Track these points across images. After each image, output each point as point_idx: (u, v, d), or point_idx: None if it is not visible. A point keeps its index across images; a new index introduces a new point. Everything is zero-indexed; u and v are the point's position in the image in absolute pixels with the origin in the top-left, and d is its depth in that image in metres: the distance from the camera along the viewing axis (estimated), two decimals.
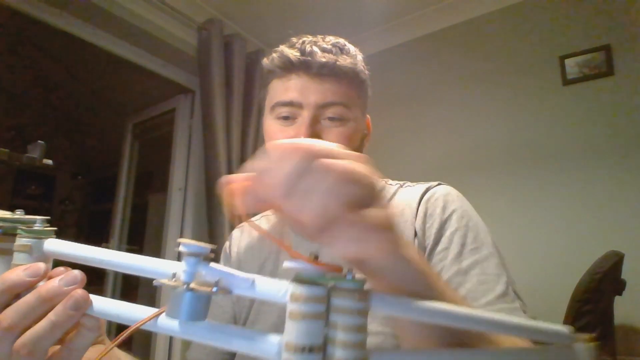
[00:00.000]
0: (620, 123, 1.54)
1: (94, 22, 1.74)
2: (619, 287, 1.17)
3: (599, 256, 1.12)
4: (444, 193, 0.55)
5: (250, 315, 0.61)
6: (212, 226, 1.89)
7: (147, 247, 2.61)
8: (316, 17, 2.07)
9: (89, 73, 2.81)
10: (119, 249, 2.32)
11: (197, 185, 2.07)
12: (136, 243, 2.56)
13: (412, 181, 0.65)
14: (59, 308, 0.29)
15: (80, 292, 0.30)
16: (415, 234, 0.52)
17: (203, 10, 2.02)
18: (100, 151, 4.12)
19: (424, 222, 0.52)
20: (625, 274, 1.17)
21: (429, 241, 0.50)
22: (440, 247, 0.49)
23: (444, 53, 2.06)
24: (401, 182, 0.64)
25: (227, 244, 0.73)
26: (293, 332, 0.22)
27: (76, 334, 0.31)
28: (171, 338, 1.92)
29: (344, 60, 0.56)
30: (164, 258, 0.28)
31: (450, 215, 0.52)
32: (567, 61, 1.69)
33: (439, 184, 0.57)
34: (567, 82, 1.68)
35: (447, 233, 0.50)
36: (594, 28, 1.66)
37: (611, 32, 1.61)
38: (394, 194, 0.61)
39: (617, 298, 1.18)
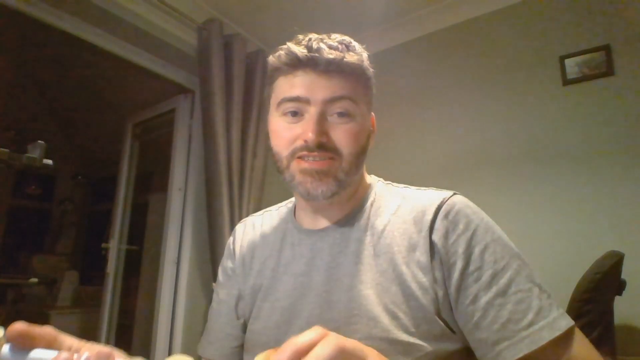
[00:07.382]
0: (620, 123, 1.54)
1: (93, 22, 1.74)
2: (619, 287, 1.17)
3: (599, 256, 1.12)
4: (462, 207, 0.54)
5: (253, 311, 0.63)
6: (212, 226, 1.89)
7: (147, 247, 2.61)
8: (316, 17, 2.07)
9: (89, 73, 2.81)
10: (119, 248, 2.32)
11: (197, 185, 2.07)
12: (136, 243, 2.56)
13: (412, 182, 0.64)
14: None
15: None
16: (431, 246, 0.53)
17: (203, 10, 2.02)
18: (100, 151, 4.12)
19: (447, 239, 0.52)
20: (625, 274, 1.16)
21: (459, 262, 0.50)
22: (472, 267, 0.50)
23: (444, 53, 2.06)
24: (409, 186, 0.63)
25: (230, 239, 0.73)
26: None
27: None
28: (171, 335, 1.92)
29: (350, 57, 0.56)
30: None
31: (474, 232, 0.52)
32: (567, 61, 1.69)
33: (453, 194, 0.56)
34: (567, 82, 1.68)
35: (477, 251, 0.51)
36: (593, 28, 1.66)
37: (611, 32, 1.61)
38: (403, 198, 0.60)
39: (617, 298, 1.18)
